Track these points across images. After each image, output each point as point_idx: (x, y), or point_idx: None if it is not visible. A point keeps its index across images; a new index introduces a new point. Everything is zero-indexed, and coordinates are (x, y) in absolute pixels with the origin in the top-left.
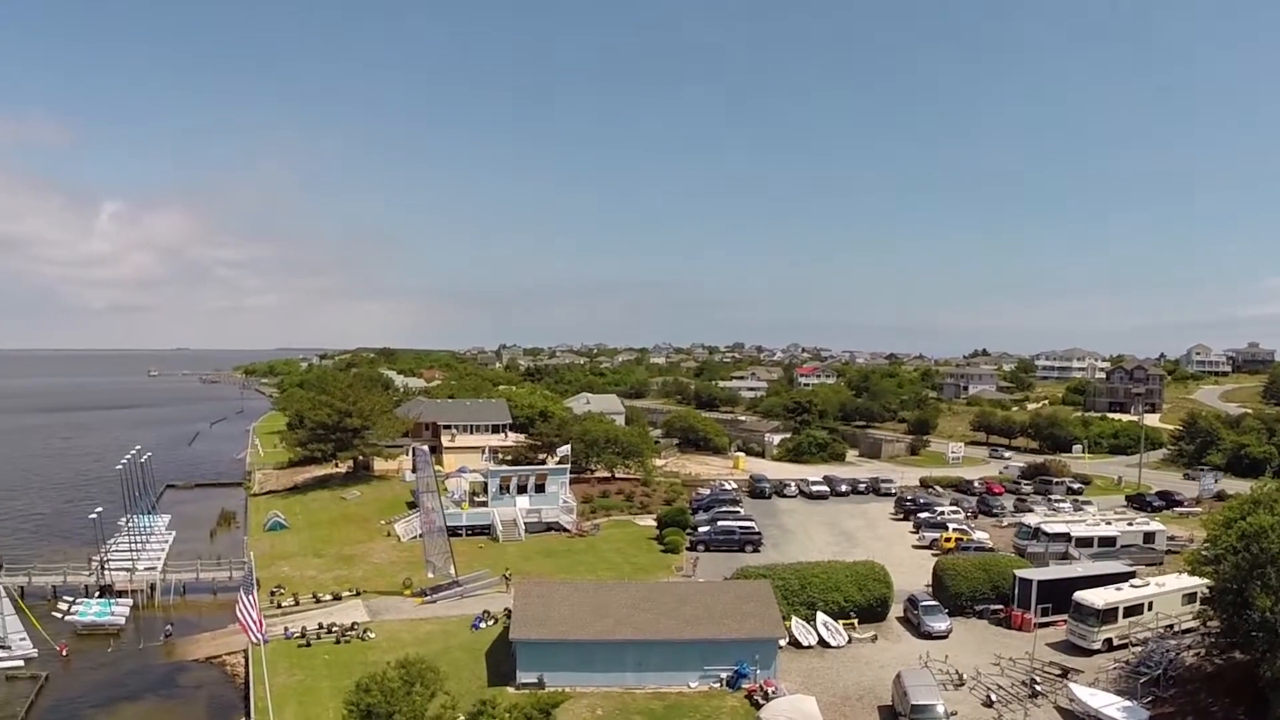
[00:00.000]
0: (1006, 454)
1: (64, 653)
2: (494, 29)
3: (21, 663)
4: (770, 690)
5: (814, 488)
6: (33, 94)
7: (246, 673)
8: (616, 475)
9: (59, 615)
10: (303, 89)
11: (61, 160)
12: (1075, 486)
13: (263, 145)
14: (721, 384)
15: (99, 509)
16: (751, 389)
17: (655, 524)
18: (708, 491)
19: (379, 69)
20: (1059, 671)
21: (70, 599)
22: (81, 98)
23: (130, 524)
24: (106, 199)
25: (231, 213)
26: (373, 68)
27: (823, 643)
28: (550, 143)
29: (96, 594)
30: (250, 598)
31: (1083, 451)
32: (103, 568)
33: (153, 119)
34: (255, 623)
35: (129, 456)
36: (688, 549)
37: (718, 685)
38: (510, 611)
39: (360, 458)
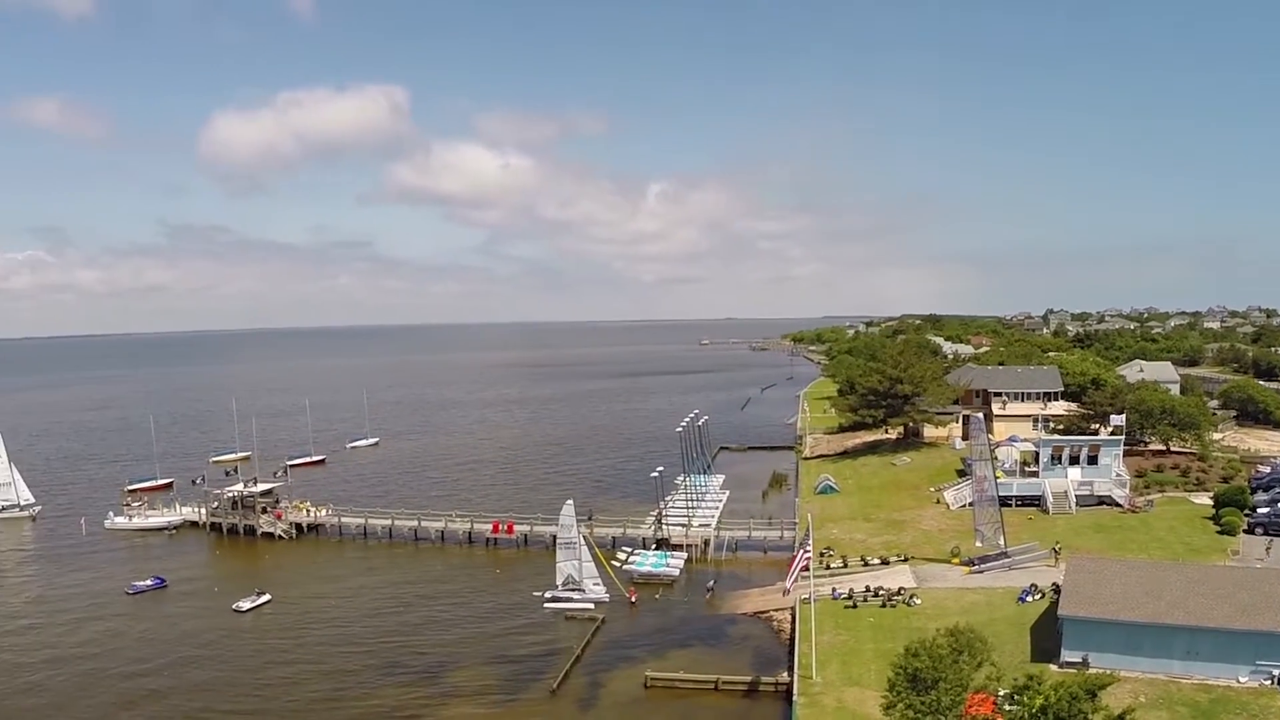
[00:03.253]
0: None
1: (633, 599)
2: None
3: (591, 605)
4: None
5: None
6: (572, 92)
7: (792, 629)
8: (1171, 449)
9: (617, 564)
10: (836, 66)
11: (603, 149)
12: None
13: (799, 121)
14: None
15: (660, 468)
16: None
17: (1211, 502)
18: (1268, 469)
19: (915, 43)
20: None
21: (629, 549)
22: (618, 91)
23: (687, 483)
24: (651, 180)
25: (771, 187)
26: (908, 42)
27: None
28: (1091, 101)
29: (653, 546)
30: (800, 553)
31: None
32: (661, 522)
33: (692, 102)
34: (792, 573)
35: (687, 420)
36: (1245, 531)
37: (1269, 683)
38: (1058, 587)
39: (910, 424)
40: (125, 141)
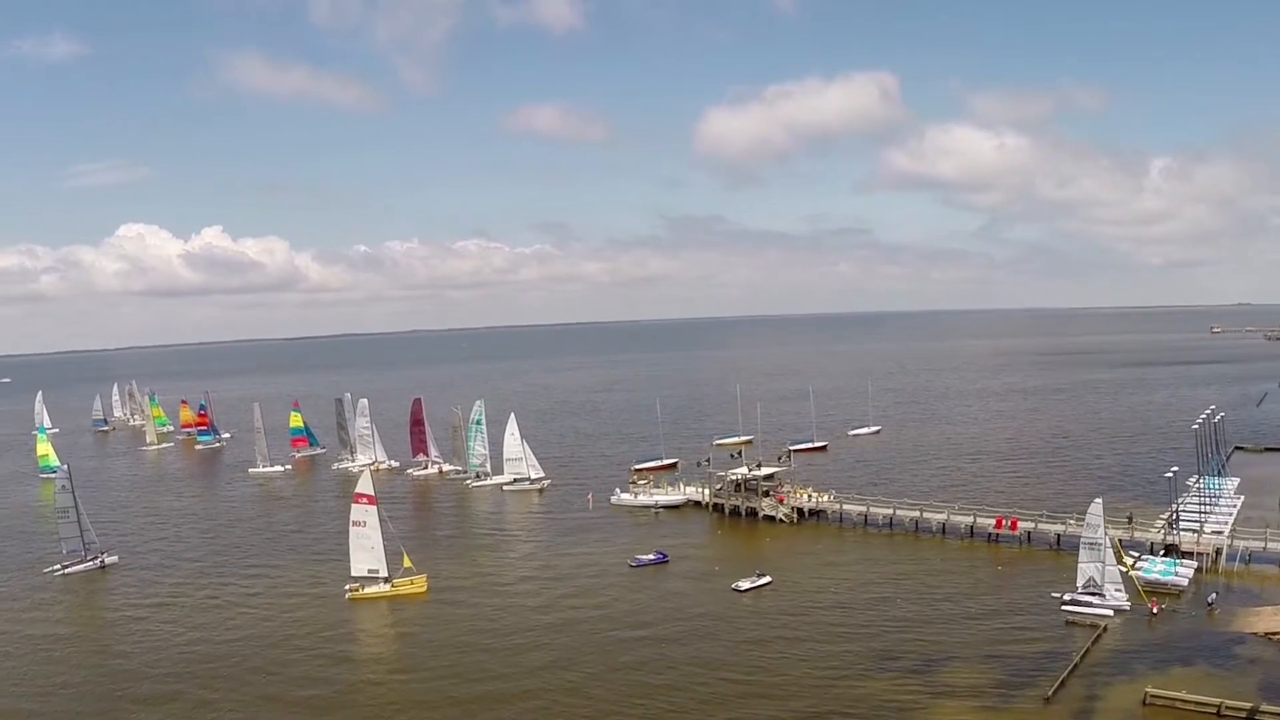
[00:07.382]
0: None
1: (1154, 610)
2: None
3: (1111, 612)
4: None
5: None
6: (1067, 65)
7: None
8: None
9: (1123, 570)
10: None
11: (1102, 123)
12: None
13: None
14: None
15: (1174, 468)
16: None
17: None
18: None
19: None
20: None
21: (1135, 555)
22: (1116, 62)
23: (1200, 485)
24: (1154, 156)
25: None
26: None
27: None
28: None
29: (1161, 552)
30: None
31: None
32: (1171, 526)
33: (1195, 71)
34: None
35: (1203, 416)
36: None
37: None
38: None
39: None
40: (622, 141)
